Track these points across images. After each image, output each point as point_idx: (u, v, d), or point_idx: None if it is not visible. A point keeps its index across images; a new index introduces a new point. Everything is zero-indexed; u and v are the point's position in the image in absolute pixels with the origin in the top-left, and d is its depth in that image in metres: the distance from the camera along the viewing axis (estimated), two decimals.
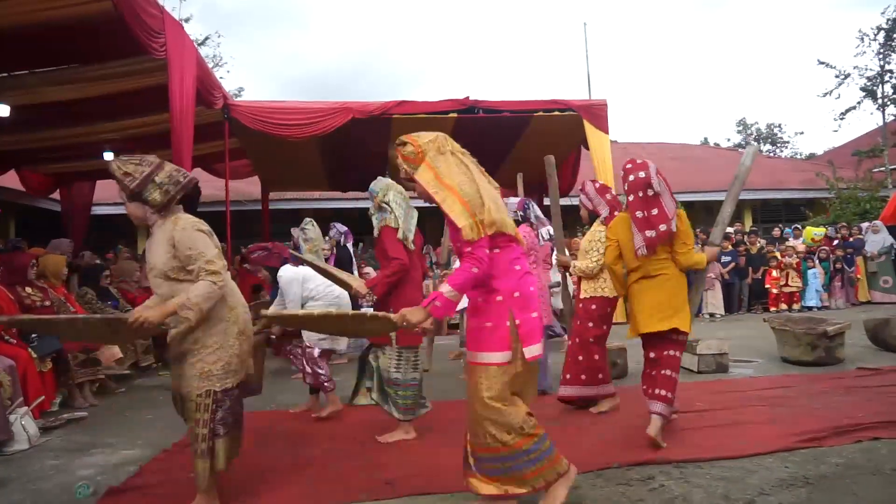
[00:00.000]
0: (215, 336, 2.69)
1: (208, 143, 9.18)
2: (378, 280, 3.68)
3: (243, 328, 2.80)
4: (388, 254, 3.64)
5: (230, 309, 2.75)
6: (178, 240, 2.63)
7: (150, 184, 2.68)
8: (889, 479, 2.79)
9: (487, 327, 2.47)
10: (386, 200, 3.80)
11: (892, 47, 16.57)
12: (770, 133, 33.15)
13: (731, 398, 4.46)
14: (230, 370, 2.73)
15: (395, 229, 3.72)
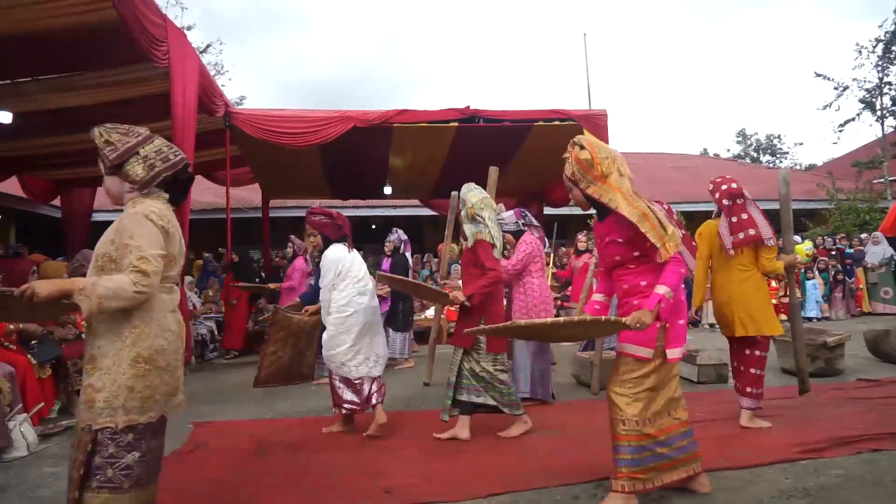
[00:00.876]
0: (110, 357, 2.14)
1: (210, 150, 9.20)
2: (476, 289, 3.82)
3: (150, 356, 2.18)
4: (486, 265, 3.84)
5: (133, 328, 2.16)
6: (123, 224, 2.22)
7: (133, 156, 2.29)
8: (890, 491, 2.79)
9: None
10: (481, 215, 4.00)
11: (891, 59, 16.64)
12: (769, 144, 33.23)
13: (731, 409, 4.44)
14: (115, 406, 2.11)
15: (491, 244, 3.92)
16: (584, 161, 2.77)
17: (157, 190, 2.36)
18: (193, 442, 4.03)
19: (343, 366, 4.05)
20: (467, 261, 4.05)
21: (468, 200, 4.07)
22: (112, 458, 2.13)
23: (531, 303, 4.77)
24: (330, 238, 4.20)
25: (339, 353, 4.04)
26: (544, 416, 4.45)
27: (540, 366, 4.83)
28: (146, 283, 2.12)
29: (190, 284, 8.56)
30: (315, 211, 4.18)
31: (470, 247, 3.95)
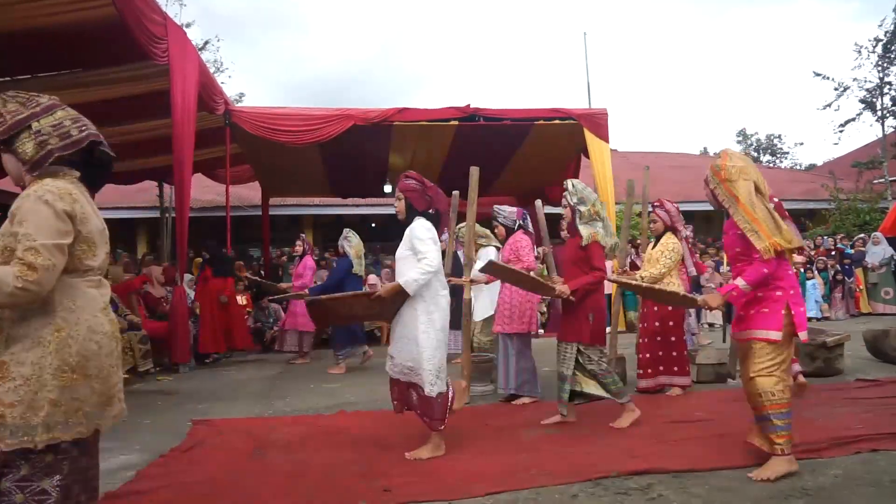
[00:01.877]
0: (25, 367, 1.81)
1: (209, 148, 9.20)
2: (580, 284, 4.00)
3: (78, 363, 1.87)
4: (595, 265, 4.03)
5: (57, 331, 1.86)
6: (16, 208, 1.89)
7: (25, 130, 1.95)
8: (888, 491, 2.79)
9: (763, 313, 3.09)
10: (601, 215, 4.16)
11: (891, 59, 16.63)
12: (770, 144, 33.26)
13: (730, 408, 4.45)
14: (33, 423, 1.78)
15: (603, 246, 4.09)
16: (715, 167, 3.24)
17: (65, 169, 2.01)
18: (192, 440, 4.03)
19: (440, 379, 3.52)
20: (572, 256, 4.13)
21: (588, 198, 4.18)
22: (24, 482, 1.79)
23: (515, 301, 4.84)
24: (416, 208, 3.66)
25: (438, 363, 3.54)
26: (543, 415, 4.45)
27: (525, 363, 4.86)
28: (34, 278, 1.77)
29: (189, 283, 8.55)
30: (409, 175, 3.73)
31: (583, 245, 4.05)
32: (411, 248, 3.55)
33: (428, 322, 3.52)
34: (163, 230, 12.69)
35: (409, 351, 3.51)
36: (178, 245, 7.00)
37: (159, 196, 12.75)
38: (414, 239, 3.53)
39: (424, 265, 3.44)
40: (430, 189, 3.69)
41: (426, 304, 3.53)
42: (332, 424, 4.41)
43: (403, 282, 3.43)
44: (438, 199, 3.73)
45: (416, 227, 3.58)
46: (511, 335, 4.86)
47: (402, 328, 3.58)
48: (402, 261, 3.60)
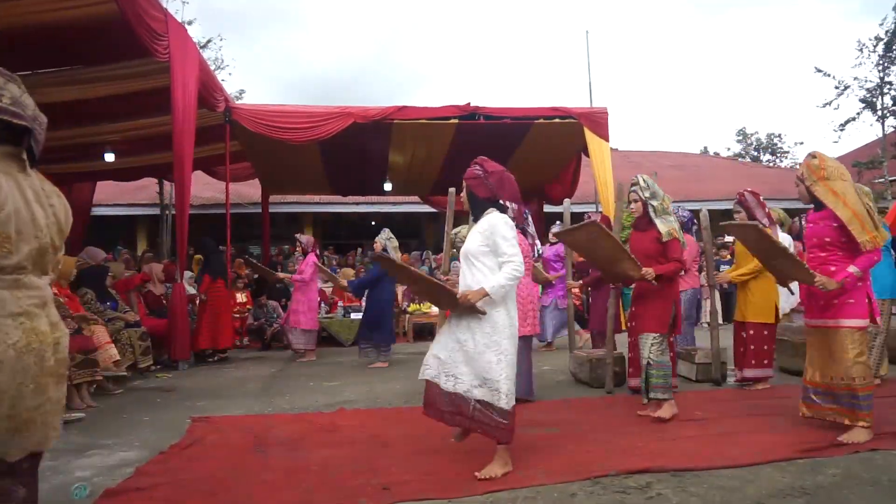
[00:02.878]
0: None
1: (209, 145, 9.20)
2: (665, 271, 4.11)
3: None
4: (677, 258, 4.16)
5: None
6: None
7: None
8: (887, 490, 2.79)
9: (850, 303, 3.53)
10: (669, 210, 4.27)
11: (891, 59, 16.58)
12: (770, 143, 33.19)
13: (728, 407, 4.46)
14: None
15: (679, 240, 4.21)
16: (812, 165, 3.66)
17: None
18: (191, 437, 4.03)
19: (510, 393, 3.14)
20: (646, 249, 4.21)
21: (658, 192, 4.27)
22: None
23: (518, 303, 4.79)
24: (478, 196, 3.32)
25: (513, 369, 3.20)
26: (542, 414, 4.46)
27: (525, 366, 4.84)
28: None
29: (189, 280, 8.55)
30: (476, 161, 3.41)
31: (663, 241, 4.15)
32: (491, 244, 3.16)
33: (510, 328, 3.17)
34: (163, 227, 12.70)
35: (486, 361, 3.09)
36: (179, 242, 7.01)
37: (159, 193, 12.75)
38: (498, 237, 3.13)
39: (512, 270, 3.08)
40: (491, 175, 3.31)
41: (507, 308, 3.18)
42: (331, 422, 4.41)
43: (490, 287, 3.05)
44: (502, 187, 3.32)
45: (499, 223, 3.17)
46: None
47: (477, 334, 3.13)
48: (478, 258, 3.20)
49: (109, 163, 9.67)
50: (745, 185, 4.17)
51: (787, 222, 6.59)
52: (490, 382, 3.09)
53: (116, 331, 6.01)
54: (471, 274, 3.22)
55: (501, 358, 3.10)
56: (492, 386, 3.09)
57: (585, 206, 12.18)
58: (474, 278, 3.18)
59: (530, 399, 4.87)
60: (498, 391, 3.08)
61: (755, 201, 5.13)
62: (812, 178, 3.65)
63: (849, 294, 3.54)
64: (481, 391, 3.12)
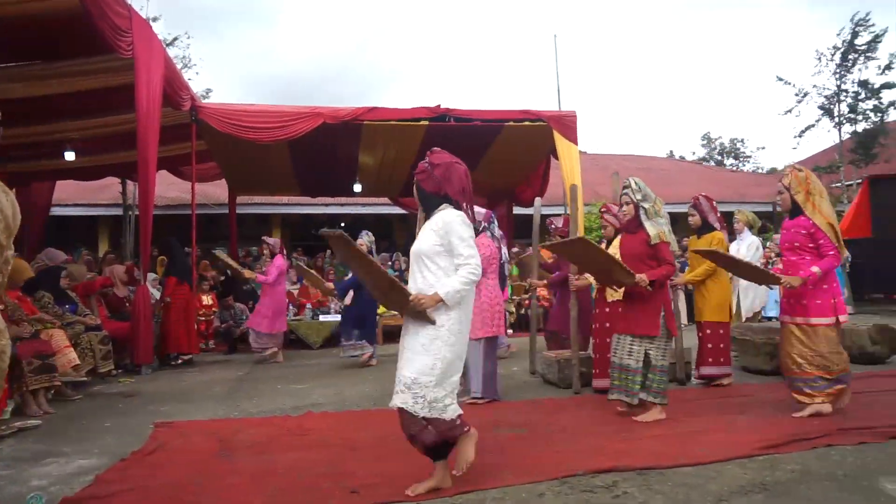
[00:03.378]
0: None
1: (175, 144, 9.03)
2: (658, 276, 4.14)
3: None
4: (669, 261, 4.20)
5: None
6: None
7: None
8: (841, 485, 2.88)
9: (818, 303, 4.05)
10: (662, 213, 4.30)
11: (848, 68, 17.18)
12: (733, 147, 34.02)
13: (693, 406, 4.54)
14: None
15: (668, 243, 4.23)
16: (800, 177, 4.18)
17: None
18: (154, 442, 3.94)
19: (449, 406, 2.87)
20: (636, 252, 4.24)
21: (650, 195, 4.29)
22: None
23: (484, 305, 4.81)
24: (425, 191, 3.03)
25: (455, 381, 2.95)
26: (511, 414, 4.49)
27: (490, 366, 4.87)
28: None
29: (154, 282, 8.37)
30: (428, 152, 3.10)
31: (652, 244, 4.18)
32: (446, 244, 2.89)
33: (458, 335, 2.89)
34: (126, 228, 12.40)
35: (420, 363, 2.83)
36: (142, 244, 6.85)
37: (122, 193, 12.45)
38: (454, 237, 2.86)
39: (468, 273, 2.82)
40: (437, 168, 3.00)
41: (457, 314, 2.89)
42: (299, 425, 4.36)
43: (445, 293, 2.79)
44: (448, 180, 2.98)
45: (455, 221, 2.88)
46: (480, 339, 4.85)
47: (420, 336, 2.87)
48: (431, 259, 2.91)
49: (70, 161, 9.41)
50: (709, 188, 4.33)
51: (756, 224, 6.81)
52: (416, 387, 2.79)
53: (76, 334, 5.84)
54: (422, 276, 2.92)
55: (437, 364, 2.80)
56: (417, 392, 2.79)
57: (554, 208, 12.30)
58: (426, 281, 2.89)
59: (497, 399, 4.90)
60: (423, 398, 2.78)
61: (708, 206, 5.41)
62: (798, 188, 4.14)
63: (817, 296, 4.05)
64: (402, 397, 2.82)
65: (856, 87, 17.15)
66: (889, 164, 16.16)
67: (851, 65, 17.08)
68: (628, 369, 4.20)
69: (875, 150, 16.60)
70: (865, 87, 16.97)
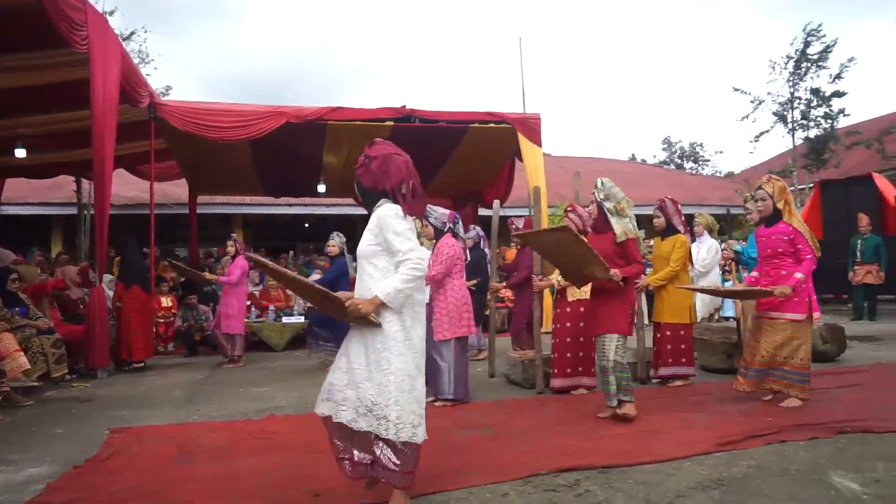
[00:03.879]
0: None
1: (133, 142, 8.81)
2: (628, 273, 4.15)
3: None
4: (638, 259, 4.22)
5: None
6: None
7: None
8: (793, 479, 2.98)
9: (795, 301, 4.33)
10: (628, 213, 4.26)
11: (800, 76, 17.77)
12: (693, 151, 34.85)
13: (653, 405, 4.63)
14: None
15: (637, 240, 4.24)
16: (780, 188, 4.46)
17: None
18: (110, 448, 3.82)
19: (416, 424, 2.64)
20: (606, 250, 4.20)
21: (615, 195, 4.30)
22: None
23: (451, 305, 4.83)
24: (363, 186, 2.85)
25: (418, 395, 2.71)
26: (477, 415, 4.51)
27: (461, 366, 4.88)
28: None
29: (110, 283, 8.13)
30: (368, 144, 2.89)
31: (619, 242, 4.19)
32: (382, 242, 2.69)
33: (406, 342, 2.67)
34: (81, 228, 12.03)
35: (375, 382, 2.62)
36: (98, 244, 6.65)
37: (77, 192, 12.08)
38: (388, 233, 2.65)
39: (409, 270, 2.60)
40: (374, 160, 2.79)
41: (402, 318, 2.68)
42: (261, 429, 4.29)
43: (384, 294, 2.58)
44: (386, 172, 2.78)
45: (387, 215, 2.68)
46: (449, 340, 4.86)
47: (369, 350, 2.67)
48: (369, 260, 2.73)
49: (21, 158, 9.07)
50: (670, 191, 4.45)
51: (715, 227, 6.97)
52: (377, 409, 2.60)
53: (26, 338, 5.63)
54: (362, 279, 2.75)
55: (391, 379, 2.60)
56: (378, 413, 2.59)
57: (519, 209, 12.41)
58: (363, 284, 2.72)
59: (465, 400, 4.91)
60: (385, 419, 2.58)
61: (674, 208, 5.51)
62: (780, 197, 4.44)
63: (794, 294, 4.30)
64: (366, 420, 2.63)
65: (808, 94, 17.75)
66: (839, 168, 16.77)
67: (804, 73, 17.66)
68: (606, 371, 4.20)
69: (826, 156, 17.17)
70: (817, 95, 17.55)
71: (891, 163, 15.43)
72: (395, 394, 2.58)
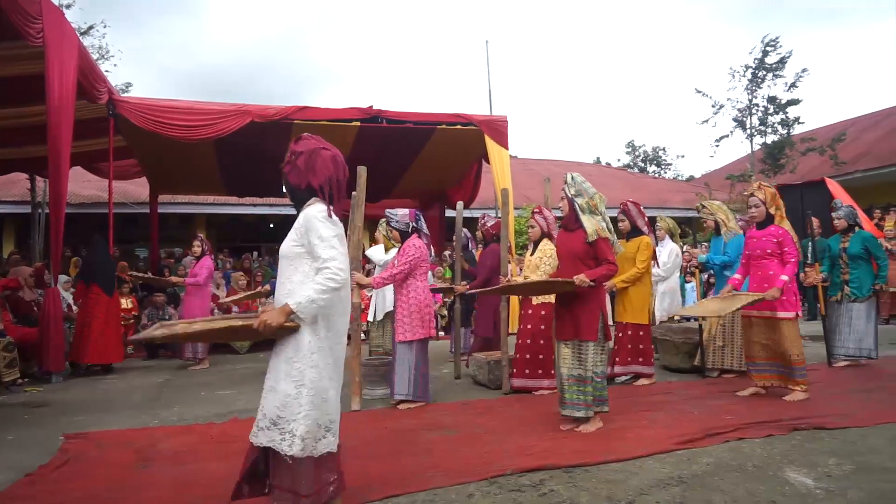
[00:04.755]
0: None
1: (91, 139, 8.57)
2: (598, 275, 3.94)
3: None
4: (609, 259, 3.99)
5: None
6: None
7: None
8: (750, 475, 3.07)
9: (784, 300, 4.62)
10: (600, 209, 4.10)
11: (758, 84, 18.33)
12: (655, 155, 35.51)
13: (615, 405, 4.70)
14: None
15: (609, 239, 4.05)
16: (771, 193, 4.88)
17: None
18: (65, 455, 3.70)
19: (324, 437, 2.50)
20: (575, 251, 4.05)
21: (587, 190, 4.13)
22: None
23: (413, 307, 4.80)
24: (290, 184, 2.66)
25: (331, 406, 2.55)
26: (442, 416, 4.51)
27: (422, 368, 4.87)
28: None
29: (65, 284, 7.88)
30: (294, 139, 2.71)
31: (590, 241, 3.98)
32: (306, 245, 2.51)
33: (319, 352, 2.49)
34: (34, 227, 11.62)
35: (283, 393, 2.46)
36: (53, 244, 6.43)
37: (31, 190, 11.67)
38: (313, 237, 2.48)
39: (326, 280, 2.43)
40: (299, 156, 2.61)
41: (317, 327, 2.50)
42: (224, 433, 4.21)
43: (295, 304, 2.40)
44: (311, 168, 2.60)
45: (314, 217, 2.51)
46: (412, 342, 4.85)
47: (280, 359, 2.51)
48: (291, 262, 2.55)
49: None
50: (634, 194, 4.52)
51: (676, 231, 7.11)
52: (282, 422, 2.42)
53: None
54: (280, 282, 2.57)
55: (302, 391, 2.42)
56: (283, 427, 2.41)
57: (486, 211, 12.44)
58: (283, 287, 2.53)
59: (425, 402, 4.91)
60: (292, 434, 2.40)
61: (637, 211, 5.65)
62: (772, 203, 4.81)
63: (783, 294, 4.60)
64: (267, 435, 2.45)
65: (765, 102, 18.32)
66: (794, 174, 17.32)
67: (761, 81, 18.22)
68: (581, 379, 3.95)
69: (782, 161, 17.74)
70: (774, 103, 18.14)
71: (842, 168, 16.01)
72: (307, 408, 2.42)
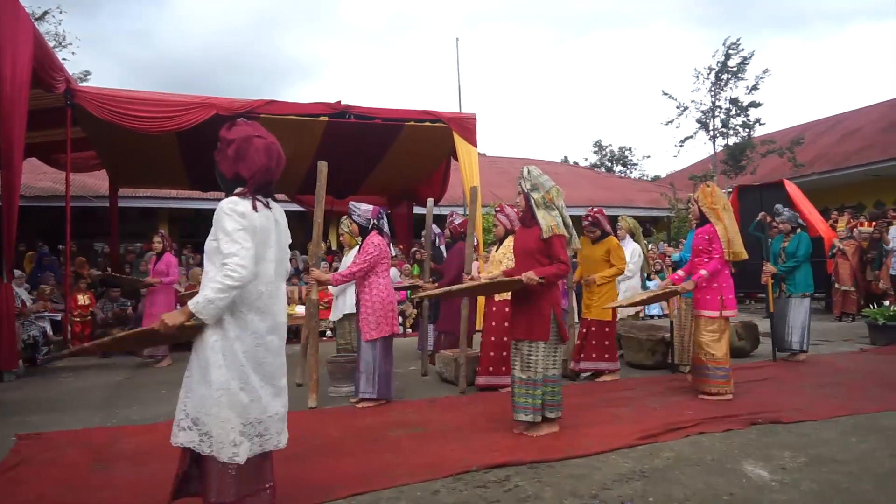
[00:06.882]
0: None
1: (47, 130, 8.27)
2: (547, 273, 3.75)
3: None
4: (561, 258, 3.81)
5: None
6: None
7: None
8: (709, 468, 3.14)
9: (707, 299, 4.76)
10: (557, 204, 3.94)
11: (721, 86, 18.74)
12: (622, 155, 36.06)
13: (581, 401, 4.76)
14: None
15: (565, 237, 3.88)
16: (706, 192, 4.92)
17: None
18: (17, 456, 3.58)
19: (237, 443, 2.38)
20: (529, 247, 3.89)
21: (543, 185, 3.95)
22: None
23: (376, 305, 4.75)
24: (221, 173, 2.55)
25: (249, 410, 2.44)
26: (409, 413, 4.50)
27: (385, 366, 4.85)
28: None
29: (19, 279, 7.61)
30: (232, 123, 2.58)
31: (545, 238, 3.79)
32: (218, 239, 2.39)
33: (227, 354, 2.38)
34: None
35: (199, 395, 2.39)
36: (6, 238, 6.20)
37: None
38: (218, 230, 2.36)
39: (223, 278, 2.29)
40: (230, 144, 2.48)
41: (224, 328, 2.39)
42: None
43: (193, 304, 2.29)
44: (242, 157, 2.46)
45: (221, 210, 2.37)
46: (375, 340, 4.81)
47: (193, 361, 2.45)
48: (209, 257, 2.44)
49: None
50: (600, 193, 4.59)
51: (638, 230, 7.21)
52: (200, 424, 2.38)
53: None
54: (203, 279, 2.48)
55: (211, 392, 2.35)
56: (201, 428, 2.37)
57: (454, 209, 12.48)
58: (204, 285, 2.40)
59: (388, 399, 4.88)
60: (208, 435, 2.36)
61: (603, 217, 5.84)
62: (705, 201, 4.90)
63: (706, 292, 4.77)
64: (187, 435, 2.40)
65: (727, 104, 18.74)
66: (755, 175, 17.77)
67: (724, 84, 18.63)
68: (531, 382, 3.80)
69: (743, 163, 18.18)
70: (736, 105, 18.56)
71: (800, 170, 16.50)
72: (215, 409, 2.34)
